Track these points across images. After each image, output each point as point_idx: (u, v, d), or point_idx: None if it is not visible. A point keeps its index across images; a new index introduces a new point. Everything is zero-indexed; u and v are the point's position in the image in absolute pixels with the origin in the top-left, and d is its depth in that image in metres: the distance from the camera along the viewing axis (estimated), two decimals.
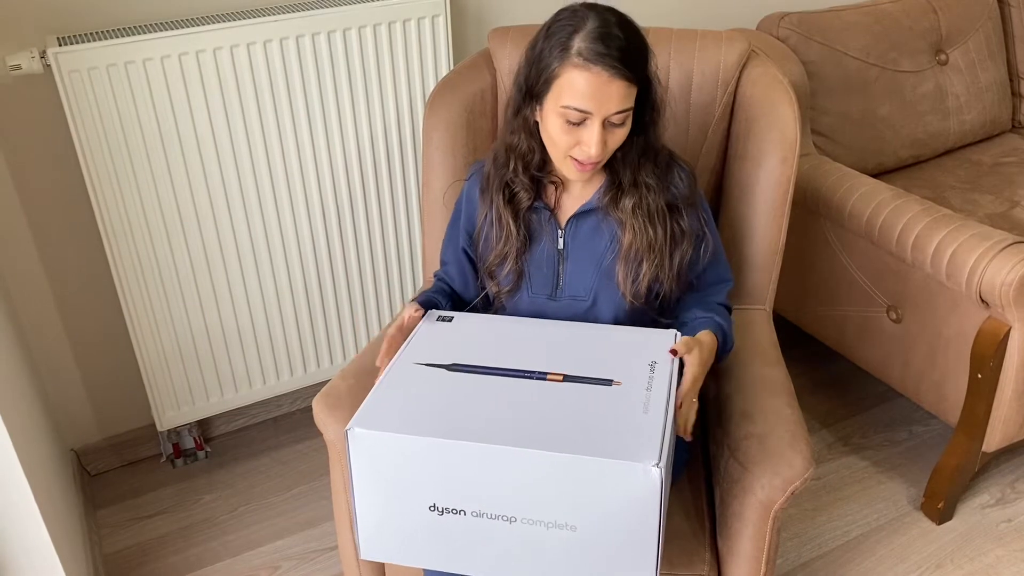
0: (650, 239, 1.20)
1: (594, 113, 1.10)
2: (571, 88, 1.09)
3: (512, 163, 1.23)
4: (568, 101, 1.10)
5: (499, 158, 1.26)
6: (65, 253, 1.73)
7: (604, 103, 1.09)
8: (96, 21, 1.58)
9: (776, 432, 1.20)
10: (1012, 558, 1.73)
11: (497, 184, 1.25)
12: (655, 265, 1.21)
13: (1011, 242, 1.55)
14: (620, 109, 1.10)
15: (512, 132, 1.23)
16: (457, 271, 1.36)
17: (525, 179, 1.24)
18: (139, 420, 1.97)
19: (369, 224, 1.86)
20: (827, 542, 1.78)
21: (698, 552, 1.24)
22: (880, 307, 1.81)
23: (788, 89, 1.44)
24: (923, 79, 2.15)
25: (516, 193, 1.25)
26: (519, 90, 1.19)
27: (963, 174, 2.15)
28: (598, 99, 1.09)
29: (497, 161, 1.26)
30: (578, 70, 1.08)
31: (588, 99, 1.09)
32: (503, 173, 1.25)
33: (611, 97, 1.09)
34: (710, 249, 1.27)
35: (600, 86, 1.08)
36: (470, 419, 1.01)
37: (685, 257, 1.24)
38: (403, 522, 1.03)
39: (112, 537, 1.82)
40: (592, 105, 1.09)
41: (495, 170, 1.26)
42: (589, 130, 1.11)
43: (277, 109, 1.66)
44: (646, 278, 1.22)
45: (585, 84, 1.08)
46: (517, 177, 1.24)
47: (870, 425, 2.07)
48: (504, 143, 1.25)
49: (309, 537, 1.80)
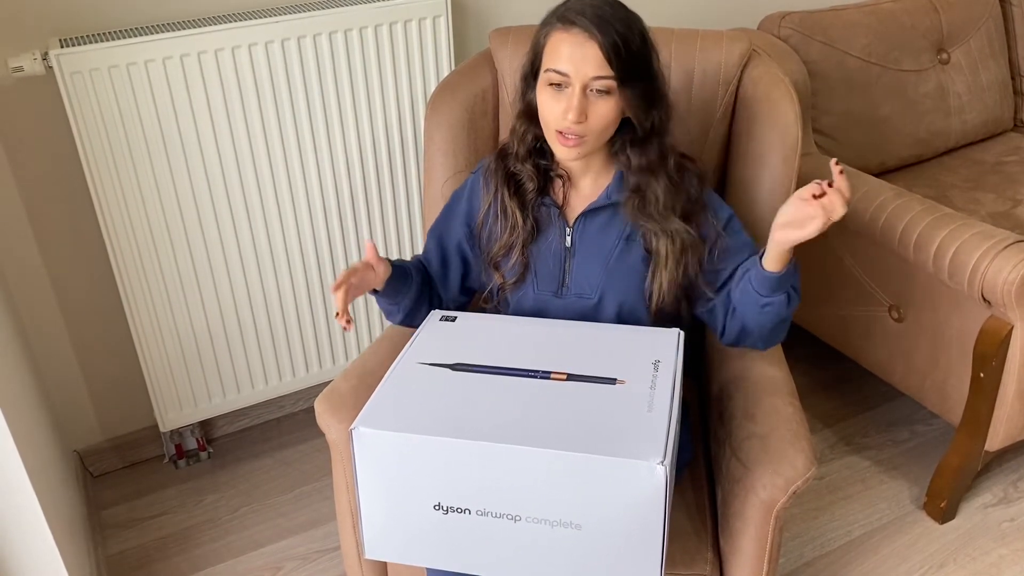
0: (674, 244, 1.21)
1: (572, 76, 1.12)
2: (553, 51, 1.14)
3: (515, 147, 1.25)
4: (549, 64, 1.14)
5: (505, 150, 1.27)
6: (68, 254, 1.74)
7: (581, 65, 1.11)
8: (98, 22, 1.58)
9: (778, 431, 1.20)
10: (1015, 557, 1.73)
11: (503, 175, 1.26)
12: (670, 272, 1.21)
13: (1013, 241, 1.55)
14: (599, 74, 1.11)
15: (515, 118, 1.25)
16: (438, 260, 1.35)
17: (529, 167, 1.24)
18: (142, 421, 1.97)
19: (371, 224, 1.86)
20: (829, 542, 1.78)
21: (700, 551, 1.24)
22: (882, 306, 1.81)
23: (789, 88, 1.44)
24: (925, 78, 2.15)
25: (522, 184, 1.25)
26: (523, 78, 1.22)
27: (965, 173, 2.15)
28: (575, 60, 1.11)
29: (503, 151, 1.27)
30: (558, 32, 1.13)
31: (566, 60, 1.12)
32: (508, 162, 1.26)
33: (587, 59, 1.10)
34: (740, 238, 1.27)
35: (576, 46, 1.11)
36: (474, 418, 1.01)
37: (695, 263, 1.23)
38: (408, 521, 1.03)
39: (115, 538, 1.82)
40: (570, 67, 1.11)
41: (500, 160, 1.27)
42: (568, 96, 1.13)
43: (279, 110, 1.66)
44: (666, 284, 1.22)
45: (563, 46, 1.12)
46: (521, 165, 1.24)
47: (872, 424, 2.07)
48: (509, 130, 1.27)
49: (312, 537, 1.81)
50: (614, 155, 1.23)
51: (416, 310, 1.32)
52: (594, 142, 1.17)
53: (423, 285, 1.32)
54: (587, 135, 1.15)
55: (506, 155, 1.27)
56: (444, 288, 1.36)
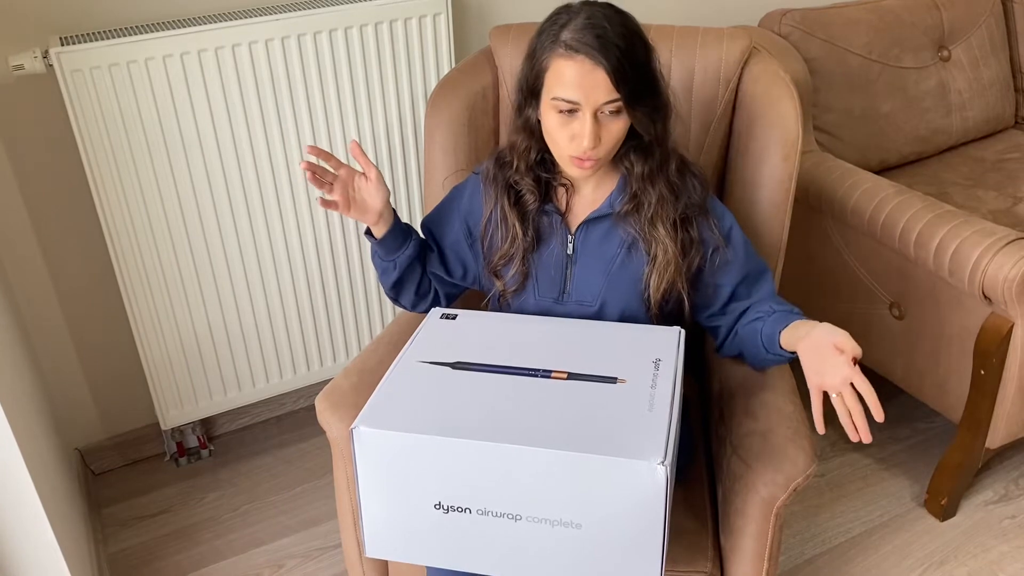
0: (666, 251, 1.20)
1: (582, 103, 1.10)
2: (558, 79, 1.11)
3: (515, 162, 1.24)
4: (557, 92, 1.11)
5: (503, 157, 1.26)
6: (68, 252, 1.74)
7: (591, 92, 1.09)
8: (98, 21, 1.58)
9: (778, 429, 1.20)
10: (1016, 554, 1.73)
11: (502, 185, 1.25)
12: (671, 275, 1.21)
13: (1014, 238, 1.55)
14: (609, 99, 1.10)
15: (515, 132, 1.23)
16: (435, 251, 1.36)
17: (529, 180, 1.24)
18: (143, 419, 1.97)
19: None
20: (830, 539, 1.78)
21: (701, 549, 1.24)
22: (883, 304, 1.81)
23: (790, 86, 1.44)
24: (926, 75, 2.14)
25: (522, 195, 1.25)
26: (520, 91, 1.20)
27: (966, 170, 2.15)
28: (584, 88, 1.09)
29: (500, 161, 1.26)
30: (563, 60, 1.10)
31: (574, 88, 1.10)
32: (507, 174, 1.25)
33: (597, 86, 1.09)
34: (740, 253, 1.26)
35: (584, 74, 1.09)
36: (475, 417, 1.01)
37: (693, 265, 1.23)
38: (408, 520, 1.03)
39: (116, 536, 1.82)
40: (579, 95, 1.10)
41: (499, 170, 1.26)
42: (581, 123, 1.11)
43: (279, 108, 1.66)
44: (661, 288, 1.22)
45: (570, 73, 1.09)
46: (521, 178, 1.24)
47: (873, 422, 2.07)
48: (508, 143, 1.26)
49: (312, 535, 1.81)
50: (618, 159, 1.22)
51: (410, 276, 1.32)
52: (607, 158, 1.17)
53: (420, 250, 1.32)
54: (602, 155, 1.15)
55: (505, 165, 1.26)
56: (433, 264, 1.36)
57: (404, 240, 1.30)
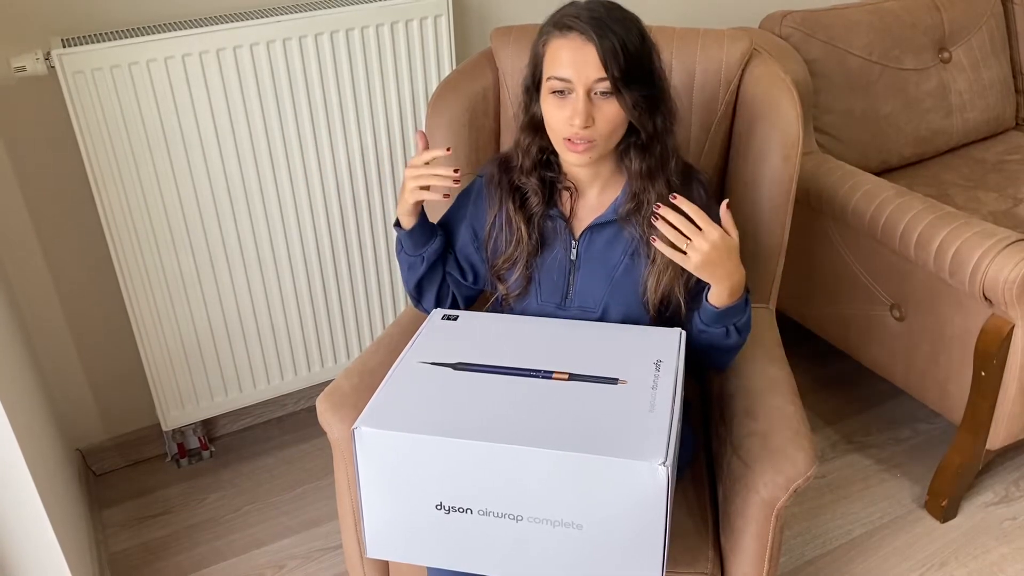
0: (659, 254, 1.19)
1: (574, 80, 1.11)
2: (553, 59, 1.14)
3: (520, 162, 1.24)
4: (550, 71, 1.14)
5: (507, 160, 1.27)
6: (69, 253, 1.74)
7: (582, 69, 1.11)
8: (100, 22, 1.59)
9: (779, 430, 1.20)
10: (1016, 556, 1.73)
11: (507, 187, 1.25)
12: (669, 278, 1.21)
13: (1014, 240, 1.55)
14: (599, 76, 1.11)
15: (520, 131, 1.24)
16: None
17: (534, 181, 1.24)
18: (144, 420, 1.97)
19: (372, 223, 1.86)
20: (831, 540, 1.78)
21: (701, 550, 1.24)
22: (883, 305, 1.81)
23: (790, 87, 1.44)
24: (926, 77, 2.15)
25: (527, 197, 1.25)
26: (525, 89, 1.21)
27: (966, 172, 2.15)
28: (576, 65, 1.11)
29: (505, 163, 1.27)
30: (557, 39, 1.13)
31: (566, 65, 1.11)
32: (512, 175, 1.25)
33: (587, 62, 1.10)
34: None
35: (575, 50, 1.11)
36: (476, 418, 1.01)
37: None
38: (409, 520, 1.03)
39: (117, 536, 1.82)
40: (571, 71, 1.11)
41: (503, 173, 1.26)
42: (573, 101, 1.12)
43: (280, 110, 1.67)
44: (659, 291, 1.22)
45: (563, 52, 1.12)
46: (526, 178, 1.24)
47: (873, 423, 2.07)
48: (513, 142, 1.26)
49: (314, 536, 1.81)
50: (619, 160, 1.22)
51: (433, 274, 1.33)
52: (603, 146, 1.16)
53: (444, 248, 1.33)
54: (596, 139, 1.14)
55: (509, 166, 1.26)
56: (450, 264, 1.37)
57: (431, 235, 1.31)
